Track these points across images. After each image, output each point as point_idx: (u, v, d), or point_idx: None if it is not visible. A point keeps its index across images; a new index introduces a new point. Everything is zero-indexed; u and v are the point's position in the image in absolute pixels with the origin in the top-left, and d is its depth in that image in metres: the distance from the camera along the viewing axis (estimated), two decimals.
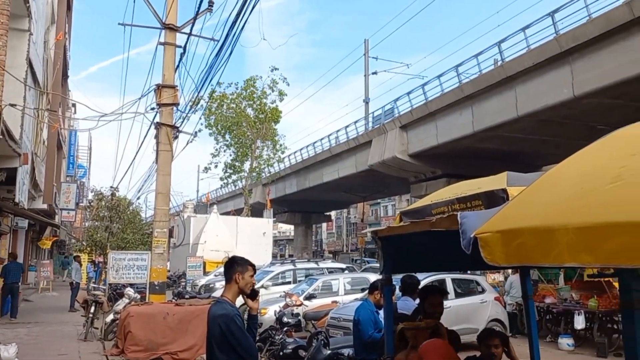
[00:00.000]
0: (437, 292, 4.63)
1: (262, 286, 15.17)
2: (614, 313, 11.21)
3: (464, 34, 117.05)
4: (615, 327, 11.39)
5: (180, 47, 11.62)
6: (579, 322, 11.69)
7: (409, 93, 27.97)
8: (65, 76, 24.97)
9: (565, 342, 11.69)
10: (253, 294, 3.66)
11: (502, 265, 2.16)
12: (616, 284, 10.84)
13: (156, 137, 11.68)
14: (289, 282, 16.53)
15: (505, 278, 16.24)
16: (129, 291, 12.06)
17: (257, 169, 33.62)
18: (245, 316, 3.71)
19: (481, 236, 2.29)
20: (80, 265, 20.44)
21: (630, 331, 2.04)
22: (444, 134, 25.20)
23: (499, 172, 4.66)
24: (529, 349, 4.18)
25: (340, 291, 13.99)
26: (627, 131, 2.36)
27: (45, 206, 18.61)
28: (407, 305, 5.48)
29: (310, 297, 13.31)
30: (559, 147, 22.09)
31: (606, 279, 11.88)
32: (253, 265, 3.67)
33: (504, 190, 3.81)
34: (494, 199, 3.82)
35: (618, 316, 10.82)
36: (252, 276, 3.62)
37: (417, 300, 5.33)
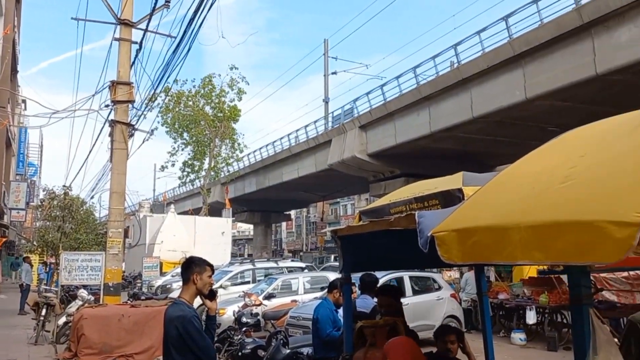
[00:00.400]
0: (389, 292, 4.70)
1: (221, 286, 15.02)
2: (564, 308, 11.63)
3: (422, 35, 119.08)
4: (564, 321, 11.83)
5: (136, 43, 11.37)
6: (531, 317, 12.10)
7: (368, 93, 28.25)
8: (14, 71, 24.05)
9: (518, 336, 12.06)
10: (211, 295, 3.63)
11: (459, 263, 2.22)
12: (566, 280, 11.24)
13: (111, 134, 11.39)
14: (248, 282, 16.43)
15: (461, 275, 16.62)
16: (83, 293, 11.74)
17: (215, 168, 33.25)
18: (204, 317, 3.68)
19: (438, 235, 2.35)
20: (31, 266, 19.76)
21: (579, 325, 2.13)
22: (402, 134, 25.55)
23: (455, 171, 4.77)
24: (483, 343, 4.31)
25: (300, 290, 14.01)
26: (577, 133, 2.46)
27: None
28: (366, 303, 5.55)
29: (269, 297, 13.27)
30: (512, 147, 22.74)
31: (556, 275, 12.34)
32: (211, 266, 3.63)
33: (460, 190, 3.91)
34: (450, 198, 3.92)
35: (567, 311, 11.23)
36: (210, 276, 3.58)
37: (376, 299, 5.41)
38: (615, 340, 2.85)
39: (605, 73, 16.10)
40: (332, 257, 37.22)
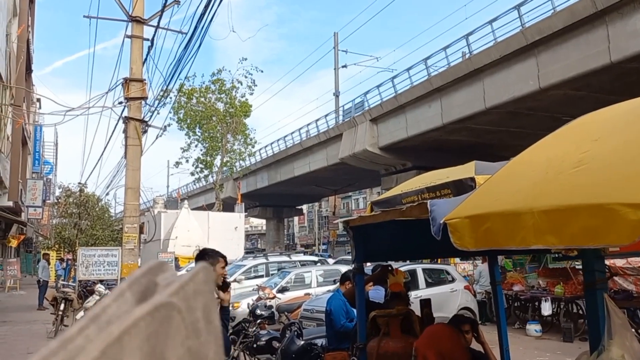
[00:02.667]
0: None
1: (235, 280, 15.11)
2: (579, 298, 11.55)
3: (433, 26, 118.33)
4: (580, 312, 11.75)
5: (147, 40, 11.42)
6: (546, 309, 12.02)
7: (378, 86, 28.15)
8: (29, 70, 24.30)
9: (533, 328, 12.00)
10: (225, 286, 3.66)
11: (471, 249, 2.21)
12: (581, 270, 11.16)
13: (124, 131, 11.49)
14: (261, 276, 16.52)
15: (475, 268, 16.56)
16: (100, 288, 11.88)
17: (228, 163, 33.38)
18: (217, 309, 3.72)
19: (450, 222, 2.35)
20: (48, 263, 20.00)
21: (593, 309, 2.13)
22: (414, 126, 25.45)
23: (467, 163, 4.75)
24: (498, 333, 4.30)
25: (313, 283, 14.06)
26: (591, 118, 2.44)
27: (10, 203, 18.14)
28: (378, 294, 5.56)
29: (283, 290, 13.33)
30: (525, 138, 22.45)
31: (571, 266, 12.25)
32: (224, 257, 3.67)
33: (472, 179, 3.89)
34: (463, 187, 3.90)
35: (583, 301, 11.15)
36: (223, 267, 3.63)
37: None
38: (633, 330, 2.84)
39: (620, 61, 15.90)
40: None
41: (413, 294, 10.98)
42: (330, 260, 23.30)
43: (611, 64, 16.12)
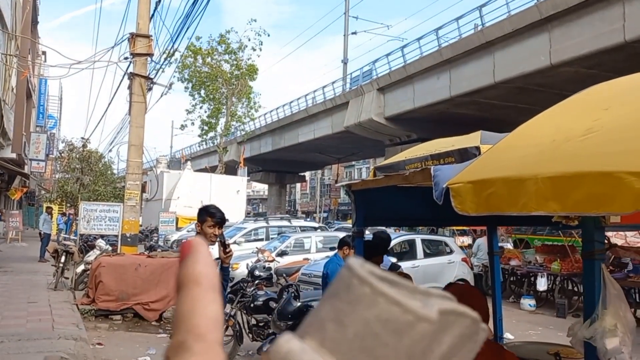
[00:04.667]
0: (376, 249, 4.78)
1: (235, 242, 15.25)
2: (575, 276, 11.65)
3: None
4: (575, 289, 11.86)
5: None
6: (542, 284, 12.14)
7: (387, 55, 27.79)
8: (35, 22, 24.02)
9: (527, 302, 12.14)
10: (225, 247, 3.66)
11: (472, 214, 2.21)
12: (579, 248, 11.22)
13: (129, 87, 11.42)
14: (261, 239, 16.66)
15: (474, 241, 16.66)
16: (100, 242, 12.01)
17: (230, 126, 33.25)
18: (217, 267, 3.75)
19: (453, 186, 2.34)
20: (51, 216, 20.19)
21: (590, 278, 2.14)
22: (421, 97, 25.23)
23: None
24: (492, 303, 4.34)
25: (312, 249, 14.18)
26: (600, 87, 2.40)
27: (14, 155, 18.21)
28: (384, 264, 5.59)
29: (282, 254, 13.47)
30: (533, 114, 21.72)
31: (569, 244, 12.32)
32: (215, 216, 3.60)
33: (477, 148, 3.87)
34: (467, 155, 3.88)
35: (579, 279, 11.25)
36: (211, 227, 3.57)
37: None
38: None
39: (634, 40, 15.62)
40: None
41: (410, 263, 11.13)
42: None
43: (625, 43, 15.85)
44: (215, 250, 3.81)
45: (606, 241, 2.39)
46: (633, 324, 2.13)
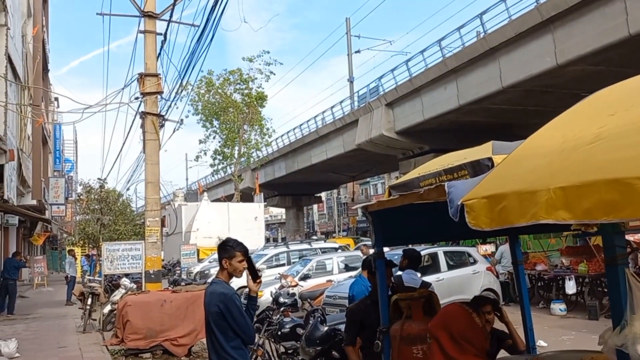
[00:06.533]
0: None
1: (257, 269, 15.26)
2: (604, 276, 11.44)
3: (446, 7, 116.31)
4: (604, 290, 11.63)
5: (160, 34, 11.54)
6: (570, 287, 11.93)
7: (393, 70, 27.94)
8: (45, 70, 24.63)
9: (558, 307, 11.93)
10: (255, 277, 3.66)
11: (486, 229, 2.22)
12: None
13: (142, 126, 11.63)
14: (283, 264, 16.65)
15: (497, 249, 16.46)
16: (125, 281, 12.10)
17: (245, 154, 33.57)
18: (244, 298, 3.77)
19: (467, 203, 2.35)
20: (75, 259, 20.42)
21: (615, 285, 2.12)
22: (430, 109, 25.25)
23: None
24: (521, 313, 4.29)
25: (335, 270, 14.14)
26: (605, 93, 2.41)
27: (34, 202, 18.51)
28: (413, 278, 5.54)
29: (305, 278, 13.44)
30: (543, 116, 21.93)
31: (595, 244, 12.11)
32: (244, 250, 3.64)
33: (490, 159, 3.86)
34: (480, 167, 3.87)
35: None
36: (240, 262, 3.60)
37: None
38: None
39: (639, 33, 15.53)
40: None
41: (434, 277, 11.00)
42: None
43: (630, 37, 15.76)
44: (240, 279, 3.83)
45: (631, 246, 2.37)
46: None
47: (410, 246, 6.28)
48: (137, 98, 11.72)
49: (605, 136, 1.93)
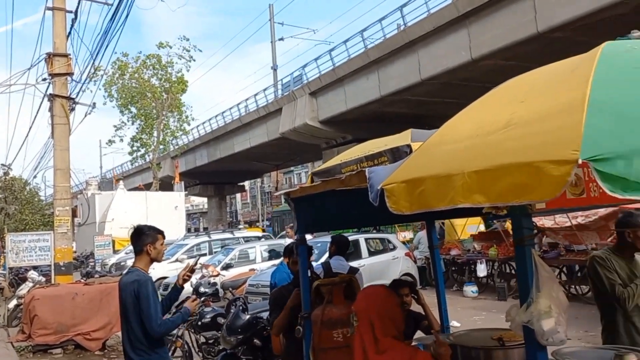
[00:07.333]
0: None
1: (177, 259, 14.88)
2: (512, 259, 12.16)
3: None
4: (513, 272, 12.39)
5: (71, 12, 10.88)
6: (481, 270, 12.63)
7: (316, 59, 28.04)
8: None
9: (470, 289, 12.57)
10: (190, 271, 3.93)
11: (406, 212, 2.25)
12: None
13: (50, 109, 10.94)
14: (204, 254, 16.33)
15: (415, 234, 17.07)
16: (33, 274, 11.40)
17: (164, 141, 32.49)
18: (162, 289, 3.71)
19: (387, 187, 2.38)
20: None
21: (522, 264, 2.22)
22: (353, 99, 25.60)
23: None
24: (436, 294, 4.46)
25: (258, 259, 14.06)
26: (516, 81, 2.52)
27: None
28: (341, 264, 5.60)
29: (227, 267, 13.27)
30: (461, 108, 22.70)
31: (504, 229, 12.84)
32: (162, 233, 3.65)
33: (409, 146, 3.96)
34: (399, 154, 3.97)
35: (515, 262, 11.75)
36: (162, 244, 3.61)
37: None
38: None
39: (546, 31, 16.47)
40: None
41: (356, 263, 11.20)
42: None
43: (538, 34, 16.68)
44: (160, 268, 3.74)
45: (537, 227, 2.50)
46: (566, 303, 2.23)
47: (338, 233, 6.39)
48: (44, 79, 11.00)
49: (516, 122, 2.00)
